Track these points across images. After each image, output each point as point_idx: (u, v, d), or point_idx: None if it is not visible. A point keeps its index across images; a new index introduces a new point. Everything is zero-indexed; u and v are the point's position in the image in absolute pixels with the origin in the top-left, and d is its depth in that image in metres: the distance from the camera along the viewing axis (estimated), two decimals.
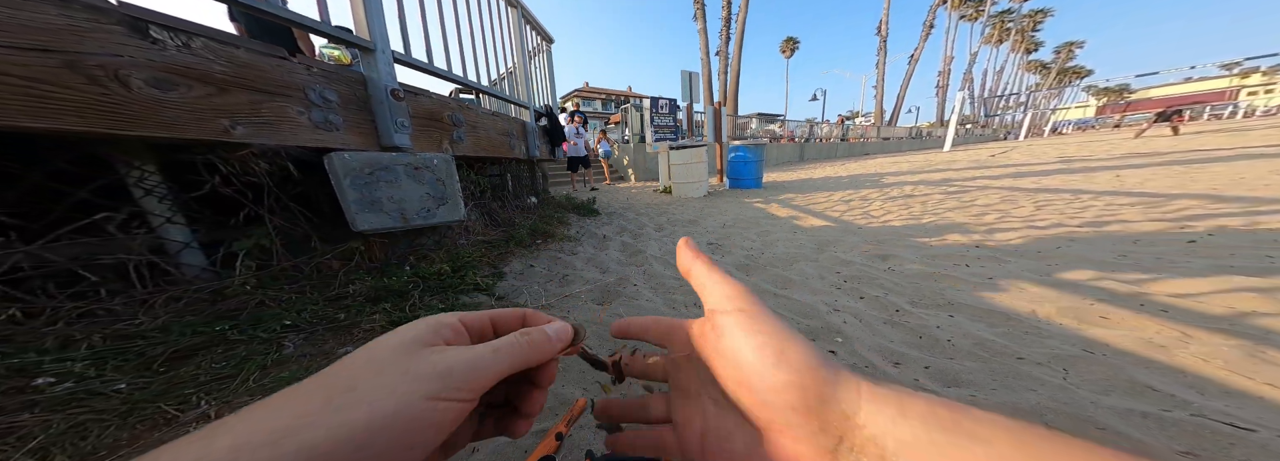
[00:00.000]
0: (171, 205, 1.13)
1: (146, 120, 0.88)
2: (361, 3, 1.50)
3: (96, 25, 0.82)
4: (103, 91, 0.82)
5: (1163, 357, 1.04)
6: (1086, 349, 1.10)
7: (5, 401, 0.81)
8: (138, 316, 1.03)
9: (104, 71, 0.82)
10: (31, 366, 0.88)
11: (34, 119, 0.74)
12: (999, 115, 37.79)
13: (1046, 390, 0.94)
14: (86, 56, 0.80)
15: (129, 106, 0.85)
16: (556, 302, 1.66)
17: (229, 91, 1.04)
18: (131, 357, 0.96)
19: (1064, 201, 3.13)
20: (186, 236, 1.17)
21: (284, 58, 1.22)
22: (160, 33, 0.91)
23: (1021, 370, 1.02)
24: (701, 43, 13.08)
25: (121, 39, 0.85)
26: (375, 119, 1.54)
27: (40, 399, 0.82)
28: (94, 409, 0.83)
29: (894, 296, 1.56)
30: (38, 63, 0.75)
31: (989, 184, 4.47)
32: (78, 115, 0.79)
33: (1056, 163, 6.34)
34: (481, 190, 2.55)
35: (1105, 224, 2.37)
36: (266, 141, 1.13)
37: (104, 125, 0.82)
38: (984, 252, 2.00)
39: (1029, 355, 1.09)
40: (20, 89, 0.73)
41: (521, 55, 3.04)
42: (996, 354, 1.11)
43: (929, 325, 1.30)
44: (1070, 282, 1.56)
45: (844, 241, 2.40)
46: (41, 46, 0.75)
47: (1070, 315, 1.29)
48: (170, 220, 1.12)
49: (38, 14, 0.75)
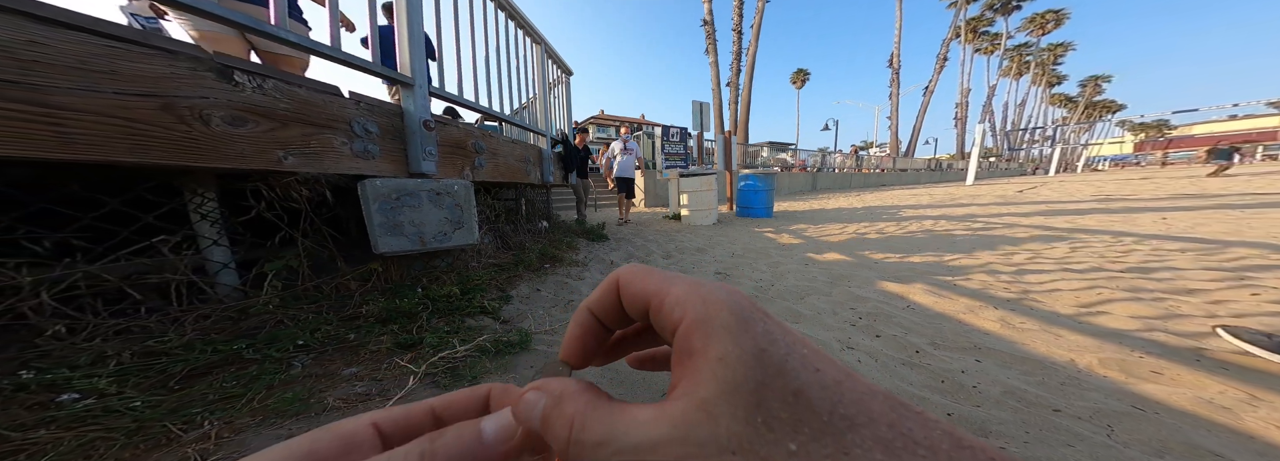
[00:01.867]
0: (220, 229, 1.25)
1: (218, 153, 1.01)
2: (407, 45, 1.71)
3: (193, 72, 0.98)
4: (187, 129, 0.96)
5: (1227, 420, 0.98)
6: (1135, 405, 1.05)
7: (26, 417, 0.86)
8: (167, 333, 1.11)
9: (191, 112, 0.96)
10: (61, 381, 0.94)
11: (130, 154, 0.87)
12: (1023, 149, 38.14)
13: (1087, 446, 0.89)
14: (180, 99, 0.95)
15: (206, 141, 0.99)
16: (560, 328, 1.71)
17: (288, 125, 1.19)
18: (152, 374, 1.02)
19: (1103, 244, 3.06)
20: (226, 257, 1.28)
21: (336, 93, 1.39)
22: (242, 76, 1.07)
23: (1058, 423, 0.98)
24: (713, 74, 13.83)
25: (211, 83, 1.00)
26: (407, 147, 1.69)
27: (58, 416, 0.87)
28: (105, 426, 0.87)
29: (913, 336, 1.54)
30: (140, 106, 0.89)
31: (1017, 221, 4.42)
32: (164, 150, 0.92)
33: (1093, 201, 6.25)
34: (496, 214, 2.68)
35: (1152, 270, 2.29)
36: (311, 170, 1.26)
37: (183, 158, 0.95)
38: (1013, 295, 1.97)
39: (1067, 407, 1.04)
40: (123, 128, 0.87)
41: (542, 86, 3.30)
42: (1030, 404, 1.07)
43: (952, 369, 1.28)
44: (1113, 331, 1.50)
45: (859, 276, 2.43)
46: (147, 92, 0.90)
47: (1115, 367, 1.24)
48: (216, 242, 1.24)
49: (149, 65, 0.91)
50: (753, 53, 14.53)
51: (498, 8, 2.46)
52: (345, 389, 1.12)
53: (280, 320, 1.30)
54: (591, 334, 0.19)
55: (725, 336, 0.13)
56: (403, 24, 1.69)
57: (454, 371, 1.21)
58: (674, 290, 0.15)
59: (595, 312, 0.19)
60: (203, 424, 0.92)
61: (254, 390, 1.04)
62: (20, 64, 0.75)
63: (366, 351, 1.34)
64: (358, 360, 1.29)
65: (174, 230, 1.14)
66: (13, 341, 0.98)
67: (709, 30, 13.57)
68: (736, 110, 14.25)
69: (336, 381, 1.16)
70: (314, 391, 1.10)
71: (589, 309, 0.19)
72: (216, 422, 0.93)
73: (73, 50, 0.81)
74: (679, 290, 0.15)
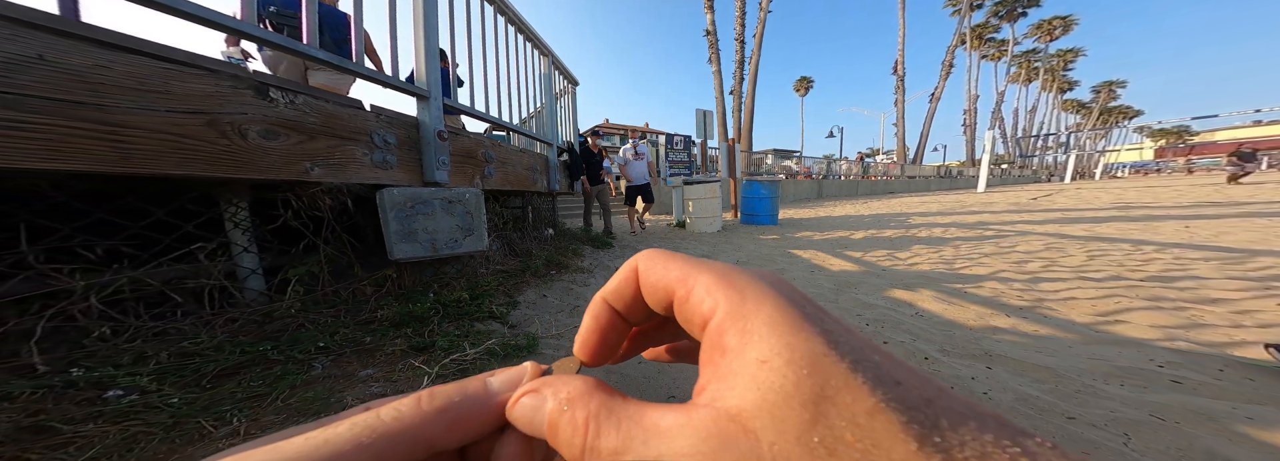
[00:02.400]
0: (251, 237, 1.33)
1: (253, 165, 1.10)
2: (424, 59, 1.81)
3: (234, 89, 1.07)
4: (228, 143, 1.04)
5: (1253, 431, 0.95)
6: (1154, 413, 1.03)
7: (76, 411, 0.93)
8: (200, 335, 1.18)
9: (232, 127, 1.05)
10: (107, 379, 1.01)
11: (177, 167, 0.95)
12: (1036, 155, 37.85)
13: (1103, 455, 0.89)
14: (223, 115, 1.03)
15: (243, 154, 1.08)
16: (566, 332, 1.75)
17: (316, 138, 1.28)
18: (187, 374, 1.09)
19: (1122, 252, 3.02)
20: (255, 263, 1.36)
21: (359, 107, 1.48)
22: (277, 93, 1.16)
23: (1073, 431, 0.97)
24: (716, 83, 14.05)
25: (250, 99, 1.09)
26: (422, 157, 1.78)
27: (105, 410, 0.94)
28: (146, 422, 0.94)
29: (922, 343, 1.54)
30: (189, 122, 0.98)
31: (1031, 229, 4.38)
32: (207, 163, 1.01)
33: (1111, 208, 6.19)
34: (504, 221, 2.76)
35: (1173, 279, 2.25)
36: (335, 180, 1.34)
37: (223, 170, 1.04)
38: (1026, 303, 1.95)
39: (1082, 415, 1.03)
40: (173, 143, 0.95)
41: (549, 96, 3.42)
42: (1043, 411, 1.06)
43: (962, 376, 1.27)
44: (1132, 340, 1.48)
45: (866, 283, 2.44)
46: (195, 109, 0.98)
47: (1134, 376, 1.22)
48: (247, 249, 1.32)
49: (198, 84, 1.00)
50: (755, 61, 14.78)
51: (508, 22, 2.58)
52: (362, 389, 1.18)
53: (302, 323, 1.37)
54: (609, 327, 0.17)
55: (769, 334, 0.11)
56: (419, 38, 1.79)
57: (464, 373, 1.27)
58: (702, 277, 0.14)
59: (613, 303, 0.17)
60: (232, 420, 0.98)
61: (278, 389, 1.10)
62: (90, 86, 0.84)
63: (382, 354, 1.40)
64: (374, 362, 1.35)
65: (210, 238, 1.23)
66: (63, 341, 1.05)
67: (712, 40, 13.85)
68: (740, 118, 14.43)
69: (354, 382, 1.22)
70: (333, 391, 1.16)
71: (605, 299, 0.17)
72: (244, 420, 0.99)
73: (133, 72, 0.90)
74: (708, 277, 0.13)
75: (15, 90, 0.74)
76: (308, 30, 1.22)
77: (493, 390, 0.14)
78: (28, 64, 0.76)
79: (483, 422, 0.14)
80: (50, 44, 0.78)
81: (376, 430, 0.12)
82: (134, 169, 0.89)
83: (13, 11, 0.74)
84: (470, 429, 0.13)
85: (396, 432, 0.12)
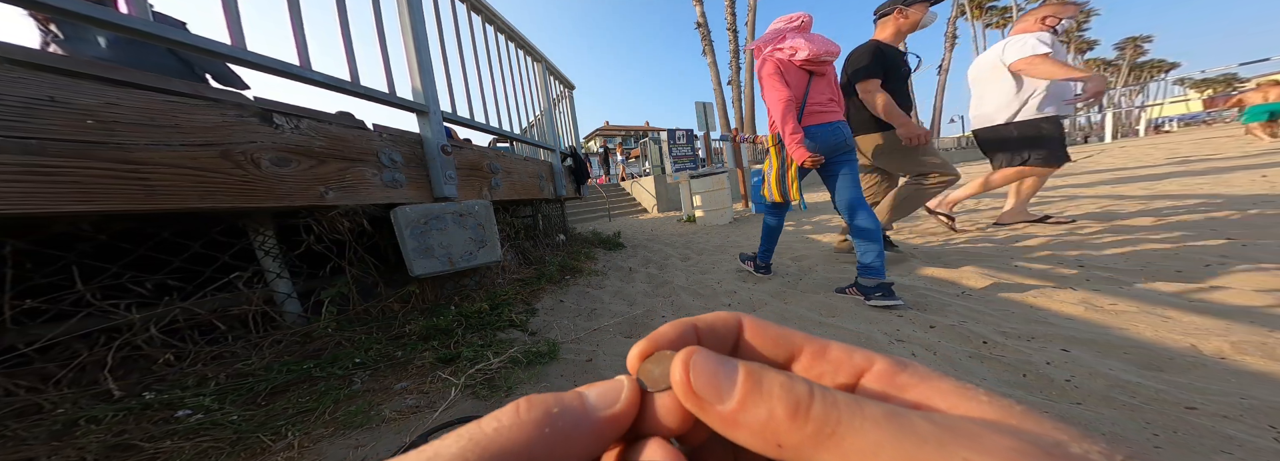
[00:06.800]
0: (281, 263, 1.37)
1: (270, 193, 1.12)
2: (418, 74, 1.83)
3: (241, 119, 1.09)
4: (243, 173, 1.07)
5: None
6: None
7: (154, 430, 1.01)
8: (251, 357, 1.24)
9: (245, 156, 1.08)
10: (176, 401, 1.09)
11: (201, 200, 0.98)
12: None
13: (1247, 453, 0.73)
14: (235, 146, 1.06)
15: (260, 183, 1.10)
16: (586, 336, 1.75)
17: (326, 162, 1.30)
18: (243, 393, 1.16)
19: (1190, 209, 2.72)
20: (289, 288, 1.40)
21: (363, 127, 1.51)
22: (280, 119, 1.18)
23: (1197, 423, 0.82)
24: (713, 75, 13.90)
25: (256, 127, 1.12)
26: (428, 173, 1.80)
27: (178, 428, 1.02)
28: (214, 438, 1.01)
29: (975, 325, 1.39)
30: (204, 154, 1.01)
31: (1077, 193, 4.03)
32: (227, 194, 1.03)
33: (1169, 164, 5.70)
34: (516, 231, 2.78)
35: (1264, 235, 1.94)
36: (349, 202, 1.37)
37: (243, 200, 1.06)
38: (1091, 273, 1.74)
39: (1204, 405, 0.86)
40: (193, 177, 0.98)
41: (547, 102, 3.43)
42: (1148, 400, 0.90)
43: (1033, 361, 1.10)
44: (1240, 309, 1.26)
45: (901, 265, 2.34)
46: (207, 142, 1.01)
47: (1258, 351, 1.02)
48: (279, 275, 1.36)
49: (205, 115, 1.03)
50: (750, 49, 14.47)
51: (497, 31, 2.60)
52: (397, 402, 1.21)
53: (339, 342, 1.41)
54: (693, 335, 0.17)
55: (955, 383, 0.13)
56: (411, 52, 1.81)
57: (490, 382, 1.28)
58: (830, 342, 0.15)
59: (701, 330, 0.17)
60: (287, 435, 1.04)
61: (324, 404, 1.15)
62: (103, 124, 0.86)
63: (413, 367, 1.43)
64: (407, 375, 1.38)
65: (245, 267, 1.28)
66: (134, 369, 1.16)
67: (703, 32, 13.71)
68: (741, 107, 14.25)
69: (390, 395, 1.25)
70: (372, 404, 1.20)
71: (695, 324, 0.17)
72: (298, 434, 1.04)
73: (142, 107, 0.93)
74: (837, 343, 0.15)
75: (36, 135, 0.77)
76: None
77: (591, 405, 0.14)
78: (41, 107, 0.79)
79: (585, 443, 0.13)
80: (57, 84, 0.81)
81: (480, 443, 0.12)
82: (160, 205, 0.92)
83: (16, 53, 0.77)
84: (572, 447, 0.13)
85: (498, 447, 0.12)
